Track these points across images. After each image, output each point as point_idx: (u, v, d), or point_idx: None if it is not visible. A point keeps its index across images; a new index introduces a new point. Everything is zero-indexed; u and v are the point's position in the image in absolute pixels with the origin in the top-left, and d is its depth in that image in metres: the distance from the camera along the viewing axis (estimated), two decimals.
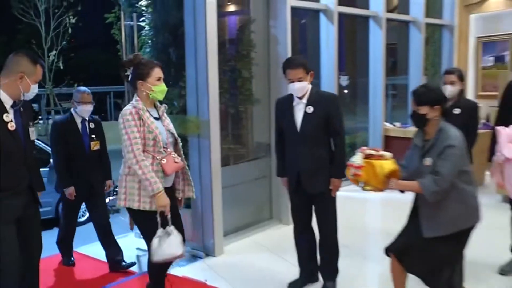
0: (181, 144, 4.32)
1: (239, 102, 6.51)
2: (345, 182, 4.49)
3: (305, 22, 8.11)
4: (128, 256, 5.72)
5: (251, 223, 6.57)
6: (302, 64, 4.44)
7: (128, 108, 4.01)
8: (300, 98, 4.50)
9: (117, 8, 6.60)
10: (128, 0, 6.38)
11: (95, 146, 5.47)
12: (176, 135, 4.26)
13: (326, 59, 7.71)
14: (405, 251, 3.89)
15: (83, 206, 9.65)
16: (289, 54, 6.41)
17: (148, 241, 4.12)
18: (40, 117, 21.98)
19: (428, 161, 3.72)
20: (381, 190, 3.82)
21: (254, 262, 5.59)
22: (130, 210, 4.12)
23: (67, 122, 5.42)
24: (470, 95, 10.22)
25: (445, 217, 3.73)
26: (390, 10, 9.49)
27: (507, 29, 9.99)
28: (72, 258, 5.79)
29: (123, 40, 6.40)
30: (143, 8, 6.23)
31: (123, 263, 5.53)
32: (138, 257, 5.90)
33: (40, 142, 10.61)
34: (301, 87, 4.43)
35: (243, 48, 6.54)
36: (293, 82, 4.42)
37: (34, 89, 3.64)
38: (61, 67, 18.88)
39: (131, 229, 4.76)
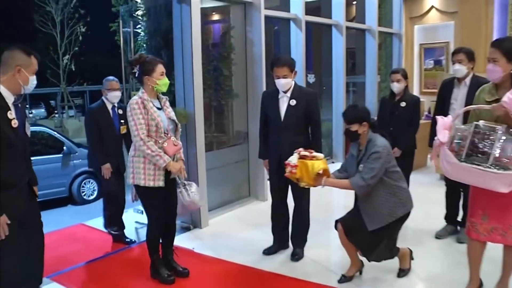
0: (181, 129, 4.36)
1: (220, 97, 6.42)
2: None
3: (278, 29, 8.00)
4: (128, 228, 5.64)
5: (232, 200, 6.52)
6: (287, 63, 4.48)
7: (134, 99, 4.03)
8: (285, 92, 4.49)
9: (120, 18, 6.47)
10: (128, 11, 6.28)
11: (123, 129, 5.29)
12: (176, 121, 4.25)
13: (296, 60, 7.48)
14: (351, 229, 4.02)
15: (95, 185, 9.90)
16: (263, 55, 6.40)
17: (149, 214, 4.27)
18: (56, 111, 21.84)
19: (361, 167, 3.83)
20: (314, 186, 3.91)
21: (235, 233, 5.53)
22: (137, 186, 4.14)
23: (100, 108, 5.29)
24: (415, 91, 10.29)
25: (383, 211, 3.86)
26: (349, 19, 9.41)
27: (442, 38, 10.16)
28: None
29: (121, 44, 6.32)
30: (139, 17, 6.14)
31: (126, 239, 5.43)
32: (136, 229, 5.85)
33: (55, 132, 10.47)
34: (286, 83, 4.46)
35: (224, 50, 6.51)
36: (279, 78, 4.44)
37: (32, 81, 3.32)
38: (73, 69, 19.00)
39: (133, 201, 4.71)
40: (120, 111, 5.34)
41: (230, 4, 6.71)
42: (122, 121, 5.29)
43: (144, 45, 6.19)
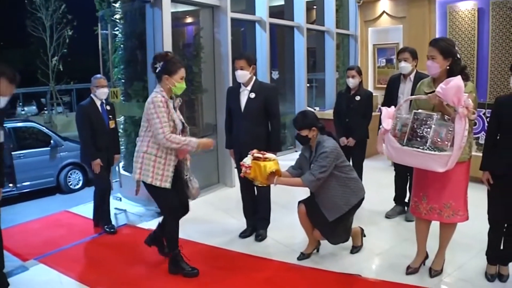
0: (188, 128, 4.04)
1: (191, 92, 6.28)
2: (280, 153, 4.45)
3: (244, 30, 7.91)
4: None
5: (203, 187, 6.25)
6: (244, 57, 4.44)
7: (158, 96, 3.70)
8: (246, 86, 4.43)
9: (99, 21, 6.44)
10: (108, 15, 6.23)
11: (112, 124, 5.11)
12: (184, 123, 3.97)
13: (261, 58, 7.52)
14: (313, 210, 4.02)
15: (80, 175, 9.78)
16: (230, 54, 6.32)
17: (161, 210, 4.06)
18: (45, 108, 21.68)
19: (312, 166, 3.86)
20: (267, 185, 3.94)
21: (206, 217, 5.42)
22: (144, 183, 3.83)
23: (90, 104, 5.01)
24: (369, 87, 10.30)
25: (339, 202, 3.90)
26: (310, 22, 9.40)
27: (393, 39, 10.15)
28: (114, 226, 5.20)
29: (100, 45, 6.30)
30: (117, 20, 6.09)
31: (106, 228, 5.12)
32: (115, 215, 5.66)
33: (43, 127, 10.41)
34: (242, 74, 4.39)
35: (194, 49, 6.44)
36: (237, 69, 4.40)
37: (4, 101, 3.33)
38: (61, 69, 19.02)
39: (136, 194, 4.41)
40: (108, 107, 5.13)
41: (199, 8, 6.62)
42: (111, 116, 5.11)
43: (122, 45, 6.13)
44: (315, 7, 9.99)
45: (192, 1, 6.22)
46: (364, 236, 4.39)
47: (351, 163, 4.58)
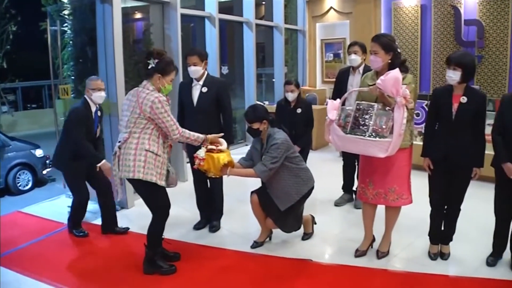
0: None
1: None
2: (231, 147, 4.46)
3: (194, 26, 7.94)
4: (61, 212, 5.44)
5: None
6: (197, 53, 4.47)
7: (161, 96, 3.62)
8: (198, 80, 4.48)
9: (48, 17, 6.22)
10: (56, 10, 6.03)
11: (99, 132, 4.75)
12: None
13: (210, 53, 7.45)
14: (265, 200, 4.14)
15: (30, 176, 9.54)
16: (180, 50, 6.34)
17: (158, 209, 3.85)
18: None
19: (263, 158, 3.97)
20: (221, 176, 4.02)
21: None
22: (141, 182, 3.62)
23: (85, 109, 4.53)
24: (318, 81, 10.55)
25: (291, 192, 4.02)
26: (259, 17, 9.50)
27: (340, 34, 10.36)
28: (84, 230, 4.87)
29: (49, 42, 6.09)
30: (66, 16, 5.94)
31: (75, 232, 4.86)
32: (69, 213, 5.36)
33: None
34: (195, 70, 4.44)
35: (145, 46, 6.42)
36: (190, 65, 4.44)
37: None
38: (5, 66, 18.36)
39: (120, 198, 4.28)
40: (99, 113, 4.70)
41: (149, 4, 6.61)
42: (99, 123, 4.73)
43: (71, 42, 6.01)
44: (264, 2, 10.14)
45: None
46: (315, 223, 4.56)
47: None
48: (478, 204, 4.63)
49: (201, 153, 3.78)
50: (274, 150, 3.89)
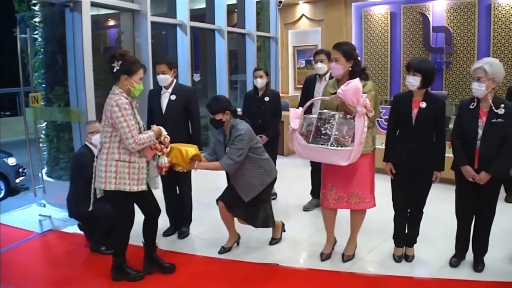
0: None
1: None
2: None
3: (166, 33, 7.95)
4: (32, 221, 5.43)
5: None
6: (165, 61, 4.50)
7: (121, 99, 3.48)
8: (167, 88, 4.52)
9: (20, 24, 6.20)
10: (28, 17, 6.05)
11: None
12: (144, 125, 3.81)
13: (182, 61, 7.59)
14: (231, 204, 4.17)
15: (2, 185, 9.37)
16: (150, 58, 6.36)
17: (125, 218, 3.78)
18: None
19: (228, 150, 4.00)
20: (189, 170, 3.96)
21: None
22: (111, 192, 3.58)
23: (88, 154, 4.43)
24: (290, 88, 10.75)
25: (254, 182, 4.08)
26: (231, 25, 9.54)
27: (312, 41, 10.56)
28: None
29: (19, 49, 6.02)
30: (37, 24, 5.95)
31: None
32: (40, 221, 5.51)
33: None
34: (164, 78, 4.47)
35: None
36: (158, 74, 4.47)
37: None
38: None
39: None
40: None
41: (119, 12, 6.60)
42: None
43: (42, 49, 6.02)
44: (236, 10, 10.19)
45: (111, 5, 6.21)
46: (284, 231, 4.62)
47: None
48: (441, 206, 4.77)
49: (164, 161, 3.77)
50: (239, 141, 3.91)
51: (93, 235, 4.52)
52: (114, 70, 3.58)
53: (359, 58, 3.83)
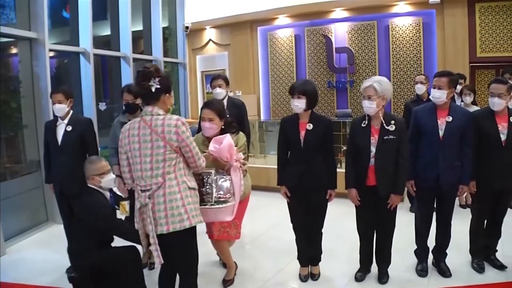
0: None
1: (9, 129, 5.93)
2: None
3: (69, 61, 7.60)
4: None
5: (30, 226, 5.97)
6: (62, 91, 4.43)
7: (180, 117, 2.95)
8: (62, 119, 4.42)
9: None
10: None
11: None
12: None
13: (86, 90, 7.29)
14: None
15: None
16: (49, 88, 5.98)
17: (188, 264, 3.14)
18: None
19: None
20: None
21: (34, 257, 5.12)
22: (190, 229, 2.97)
23: (104, 202, 3.83)
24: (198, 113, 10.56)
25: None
26: (138, 52, 9.35)
27: (220, 66, 10.66)
28: None
29: None
30: None
31: None
32: None
33: None
34: (59, 108, 4.39)
35: (11, 84, 6.08)
36: (54, 104, 4.39)
37: None
38: None
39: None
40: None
41: (16, 40, 6.25)
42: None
43: None
44: (142, 37, 10.05)
45: (7, 33, 5.82)
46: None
47: None
48: (344, 222, 4.89)
49: None
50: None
51: None
52: (153, 90, 2.93)
53: (228, 115, 3.87)
